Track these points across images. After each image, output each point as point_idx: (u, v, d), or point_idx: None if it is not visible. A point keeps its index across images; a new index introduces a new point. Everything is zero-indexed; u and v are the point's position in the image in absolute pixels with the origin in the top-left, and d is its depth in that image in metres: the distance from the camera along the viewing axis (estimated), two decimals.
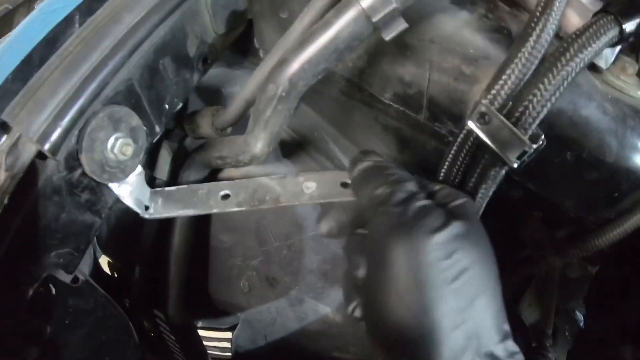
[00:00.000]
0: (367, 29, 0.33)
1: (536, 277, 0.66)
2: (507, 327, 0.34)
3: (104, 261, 0.64)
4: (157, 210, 0.42)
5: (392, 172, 0.36)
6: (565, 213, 0.45)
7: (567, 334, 0.72)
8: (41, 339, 0.38)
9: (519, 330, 0.63)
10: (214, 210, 0.42)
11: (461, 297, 0.32)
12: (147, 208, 0.41)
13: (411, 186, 0.35)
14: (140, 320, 0.55)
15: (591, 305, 0.65)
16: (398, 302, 0.32)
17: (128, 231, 0.50)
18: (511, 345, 0.33)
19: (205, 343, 0.57)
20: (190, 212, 0.43)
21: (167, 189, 0.43)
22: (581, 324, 0.71)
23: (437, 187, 0.39)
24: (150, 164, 0.49)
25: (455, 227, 0.33)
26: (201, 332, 0.57)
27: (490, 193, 0.40)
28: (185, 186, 0.44)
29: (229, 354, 0.56)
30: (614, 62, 0.45)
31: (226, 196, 0.43)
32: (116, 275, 0.63)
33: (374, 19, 0.32)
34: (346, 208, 0.39)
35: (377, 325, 0.34)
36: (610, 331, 0.58)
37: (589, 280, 0.68)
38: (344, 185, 0.40)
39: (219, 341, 0.57)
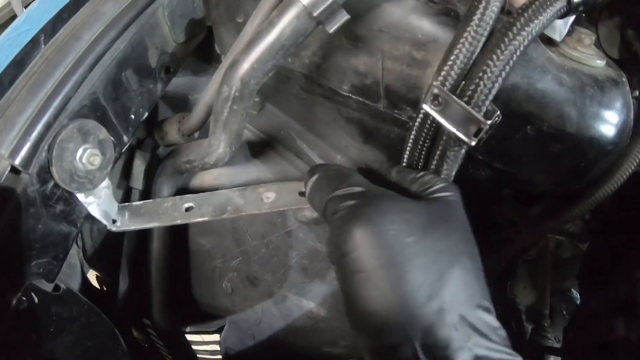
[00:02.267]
0: (310, 24, 0.36)
1: (523, 257, 0.68)
2: (486, 303, 0.35)
3: (92, 276, 0.67)
4: (124, 223, 0.46)
5: (338, 175, 0.39)
6: (536, 188, 0.48)
7: (564, 312, 0.74)
8: (27, 346, 0.41)
9: (511, 314, 0.65)
10: (178, 222, 0.46)
11: (429, 271, 0.33)
12: (114, 221, 0.45)
13: (355, 180, 0.38)
14: (130, 329, 0.58)
15: (584, 282, 0.67)
16: (366, 284, 0.34)
17: (112, 244, 0.53)
18: (492, 320, 0.34)
19: (194, 347, 0.60)
20: (156, 224, 0.47)
21: (134, 203, 0.47)
22: (577, 302, 0.73)
23: (418, 174, 0.41)
24: (125, 174, 0.52)
25: (415, 208, 0.35)
26: (189, 337, 0.60)
27: (453, 173, 0.42)
28: (151, 200, 0.48)
29: (219, 356, 0.59)
30: (569, 34, 0.48)
31: (190, 208, 0.47)
32: (105, 289, 0.67)
33: (315, 14, 0.35)
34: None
35: (353, 312, 0.36)
36: (603, 305, 0.60)
37: (581, 259, 0.70)
38: (302, 194, 0.44)
39: (208, 344, 0.60)
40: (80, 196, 0.41)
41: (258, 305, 0.57)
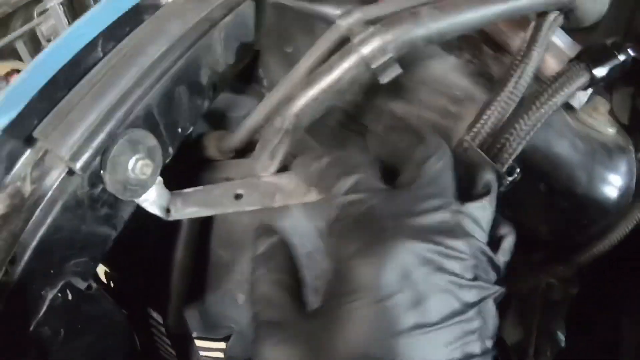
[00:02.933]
0: (366, 73, 0.41)
1: (517, 298, 0.74)
2: None
3: (100, 270, 0.70)
4: (178, 211, 0.47)
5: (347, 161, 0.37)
6: (539, 238, 0.54)
7: (548, 354, 0.79)
8: (56, 341, 0.44)
9: (500, 348, 0.70)
10: (229, 210, 0.47)
11: None
12: (168, 211, 0.48)
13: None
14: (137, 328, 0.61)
15: (571, 325, 0.73)
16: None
17: (128, 241, 0.56)
18: None
19: (199, 352, 0.64)
20: (207, 212, 0.48)
21: (184, 190, 0.49)
22: (562, 344, 0.79)
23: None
24: None
25: None
26: (196, 342, 0.63)
27: None
28: (200, 187, 0.49)
29: None
30: (587, 102, 0.54)
31: (239, 196, 0.47)
32: (112, 285, 0.70)
33: (373, 66, 0.40)
34: None
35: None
36: (588, 349, 0.66)
37: (570, 302, 0.76)
38: None
39: (212, 351, 0.64)
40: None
41: None
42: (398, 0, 0.44)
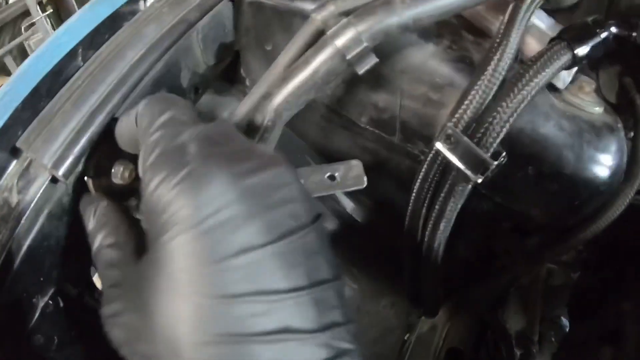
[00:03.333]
0: (342, 65, 0.41)
1: (516, 285, 0.74)
2: (335, 316, 0.29)
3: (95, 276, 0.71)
4: None
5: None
6: (532, 222, 0.53)
7: (553, 339, 0.79)
8: (49, 349, 0.45)
9: (502, 339, 0.70)
10: None
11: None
12: None
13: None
14: None
15: (573, 311, 0.73)
16: None
17: None
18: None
19: None
20: None
21: None
22: (566, 330, 0.79)
23: None
24: None
25: None
26: None
27: (459, 206, 0.48)
28: None
29: None
30: (572, 82, 0.54)
31: None
32: None
33: (348, 57, 0.41)
34: None
35: None
36: (591, 334, 0.66)
37: (571, 288, 0.76)
38: (330, 178, 0.43)
39: None
40: None
41: None
42: None
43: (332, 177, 0.42)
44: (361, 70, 0.42)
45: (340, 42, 0.41)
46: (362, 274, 0.68)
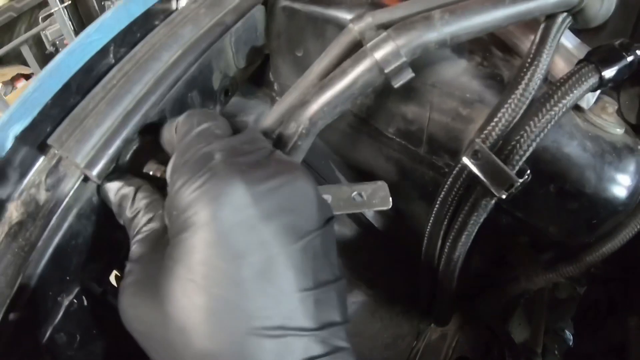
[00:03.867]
0: (379, 78, 0.42)
1: (525, 297, 0.76)
2: (334, 316, 0.32)
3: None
4: None
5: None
6: (549, 238, 0.55)
7: (556, 352, 0.81)
8: (72, 346, 0.45)
9: (508, 349, 0.72)
10: None
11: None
12: None
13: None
14: None
15: (579, 325, 0.74)
16: None
17: None
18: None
19: None
20: None
21: None
22: (570, 343, 0.81)
23: None
24: None
25: None
26: None
27: (481, 220, 0.49)
28: None
29: None
30: (595, 102, 0.55)
31: None
32: None
33: (386, 70, 0.42)
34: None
35: None
36: (597, 348, 0.68)
37: (577, 301, 0.78)
38: (355, 198, 0.46)
39: None
40: None
41: None
42: (409, 4, 0.45)
43: (359, 196, 0.44)
44: (397, 84, 0.42)
45: (379, 55, 0.41)
46: (379, 280, 0.69)
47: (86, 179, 0.42)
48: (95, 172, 0.41)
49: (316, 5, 0.50)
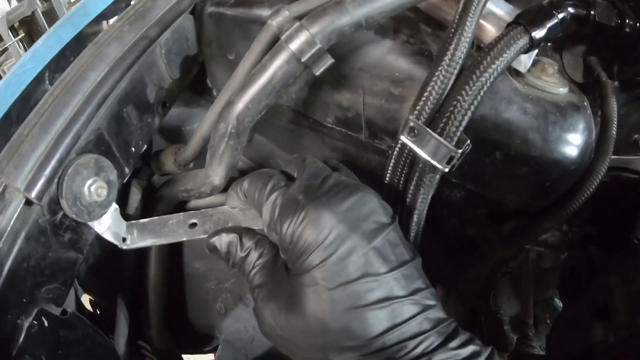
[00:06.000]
0: (299, 67, 0.43)
1: (502, 271, 0.76)
2: (418, 284, 0.42)
3: (85, 299, 0.73)
4: (134, 241, 0.50)
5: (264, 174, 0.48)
6: (506, 207, 0.55)
7: (548, 321, 0.81)
8: None
9: (495, 325, 0.72)
10: (183, 238, 0.51)
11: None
12: (124, 240, 0.51)
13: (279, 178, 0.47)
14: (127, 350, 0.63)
15: (564, 291, 0.74)
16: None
17: (106, 267, 0.59)
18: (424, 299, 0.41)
19: None
20: (163, 241, 0.51)
21: (140, 221, 0.52)
22: (560, 310, 0.80)
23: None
24: (121, 202, 0.58)
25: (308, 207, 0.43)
26: (185, 357, 0.65)
27: (429, 197, 0.49)
28: (156, 217, 0.52)
29: None
30: (534, 64, 0.55)
31: (193, 225, 0.51)
32: (99, 312, 0.72)
33: (303, 59, 0.42)
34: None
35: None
36: (582, 312, 0.67)
37: (560, 269, 0.77)
38: None
39: None
40: (93, 223, 0.47)
41: (250, 324, 0.63)
42: None
43: None
44: (318, 71, 0.43)
45: (294, 45, 0.42)
46: None
47: (29, 202, 0.44)
48: (34, 193, 0.42)
49: (241, 8, 0.51)
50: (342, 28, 0.43)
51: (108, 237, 0.49)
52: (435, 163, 0.47)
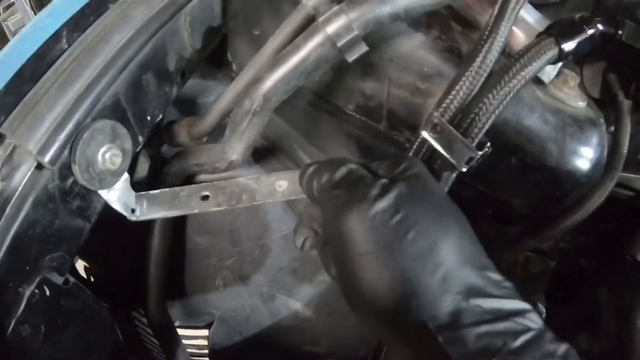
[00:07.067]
0: (333, 52, 0.42)
1: None
2: (485, 260, 0.39)
3: (79, 266, 0.71)
4: (143, 212, 0.49)
5: (330, 164, 0.43)
6: (514, 211, 0.55)
7: None
8: (37, 337, 0.44)
9: None
10: (195, 211, 0.49)
11: (420, 244, 0.37)
12: (133, 211, 0.49)
13: (347, 167, 0.42)
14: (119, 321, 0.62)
15: (551, 298, 0.76)
16: (364, 269, 0.38)
17: (105, 236, 0.57)
18: (494, 275, 0.38)
19: (183, 341, 0.65)
20: (174, 213, 0.49)
21: (151, 192, 0.50)
22: (543, 316, 0.82)
23: (381, 162, 0.46)
24: (130, 170, 0.56)
25: (394, 190, 0.39)
26: (179, 331, 0.65)
27: None
28: (167, 189, 0.50)
29: (206, 351, 0.64)
30: (557, 76, 0.56)
31: (206, 197, 0.49)
32: (92, 280, 0.70)
33: (339, 44, 0.41)
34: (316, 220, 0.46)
35: (355, 301, 0.39)
36: (568, 321, 0.69)
37: (549, 275, 0.79)
38: None
39: (196, 339, 0.65)
40: (103, 192, 0.46)
41: (247, 303, 0.62)
42: None
43: None
44: (351, 58, 0.42)
45: (331, 29, 0.41)
46: None
47: (40, 166, 0.42)
48: (47, 158, 0.40)
49: None
50: (381, 17, 0.42)
51: (117, 207, 0.47)
52: (454, 162, 0.47)
